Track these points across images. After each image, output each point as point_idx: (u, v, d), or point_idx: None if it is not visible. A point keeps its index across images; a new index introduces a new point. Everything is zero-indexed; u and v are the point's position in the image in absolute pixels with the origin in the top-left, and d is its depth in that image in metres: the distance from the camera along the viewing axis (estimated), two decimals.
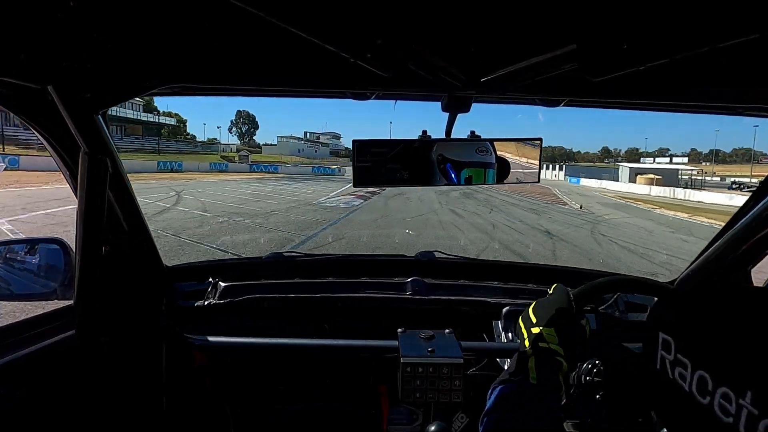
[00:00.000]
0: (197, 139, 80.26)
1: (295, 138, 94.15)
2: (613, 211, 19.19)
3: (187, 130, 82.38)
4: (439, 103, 0.92)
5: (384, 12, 0.62)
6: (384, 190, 22.44)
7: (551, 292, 0.83)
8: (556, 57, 0.69)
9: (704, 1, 0.55)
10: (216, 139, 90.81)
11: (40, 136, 0.90)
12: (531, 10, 0.62)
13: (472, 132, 0.95)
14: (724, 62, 0.70)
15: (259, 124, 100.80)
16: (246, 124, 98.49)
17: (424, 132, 0.93)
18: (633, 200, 26.93)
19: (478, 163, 0.95)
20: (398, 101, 1.01)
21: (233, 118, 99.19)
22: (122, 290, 1.12)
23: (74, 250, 0.98)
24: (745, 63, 0.72)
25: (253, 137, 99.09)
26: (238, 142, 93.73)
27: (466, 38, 0.72)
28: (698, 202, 29.27)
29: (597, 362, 0.96)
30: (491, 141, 0.95)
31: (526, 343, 0.74)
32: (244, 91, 0.99)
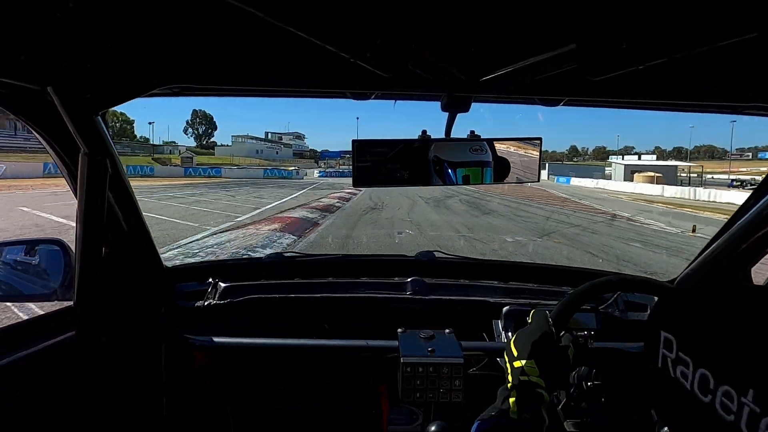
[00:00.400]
0: (150, 142, 72.80)
1: (253, 138, 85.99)
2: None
3: (135, 131, 76.30)
4: (439, 103, 0.92)
5: (384, 12, 0.62)
6: (347, 203, 16.22)
7: (530, 319, 0.82)
8: (556, 56, 0.69)
9: (703, 1, 0.55)
10: (175, 141, 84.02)
11: (39, 137, 0.90)
12: (530, 9, 0.62)
13: (472, 132, 0.95)
14: (723, 61, 0.70)
15: (217, 124, 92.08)
16: (203, 124, 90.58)
17: (424, 132, 0.93)
18: (673, 205, 21.69)
19: (474, 162, 0.95)
20: (398, 101, 1.01)
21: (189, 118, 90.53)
22: (122, 291, 1.12)
23: (74, 251, 0.98)
24: (744, 62, 0.72)
25: (211, 138, 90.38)
26: (195, 144, 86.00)
27: (466, 38, 0.72)
28: (728, 203, 23.55)
29: (586, 369, 0.97)
30: (490, 141, 0.95)
31: (509, 377, 0.74)
32: (244, 91, 0.99)
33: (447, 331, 1.15)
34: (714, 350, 0.48)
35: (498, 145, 0.96)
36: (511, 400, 0.71)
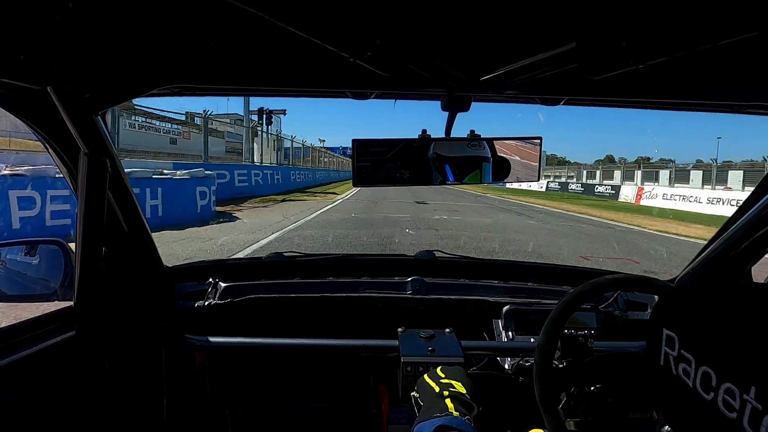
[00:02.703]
0: None
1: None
2: None
3: None
4: (439, 102, 0.92)
5: (383, 12, 0.62)
6: None
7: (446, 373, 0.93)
8: (556, 56, 0.69)
9: (703, 0, 0.55)
10: None
11: (39, 138, 0.90)
12: (530, 8, 0.62)
13: (472, 131, 0.95)
14: (723, 60, 0.70)
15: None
16: None
17: (424, 131, 0.93)
18: None
19: (473, 160, 0.95)
20: (398, 101, 1.01)
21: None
22: (122, 291, 1.12)
23: (74, 251, 0.98)
24: (744, 61, 0.72)
25: None
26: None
27: (465, 37, 0.72)
28: None
29: (586, 368, 0.97)
30: (490, 140, 0.95)
31: (436, 388, 0.86)
32: (244, 91, 0.99)
33: (447, 330, 1.15)
34: (716, 348, 0.48)
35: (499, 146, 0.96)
36: (447, 401, 0.81)
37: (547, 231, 9.93)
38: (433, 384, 0.88)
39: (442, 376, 0.90)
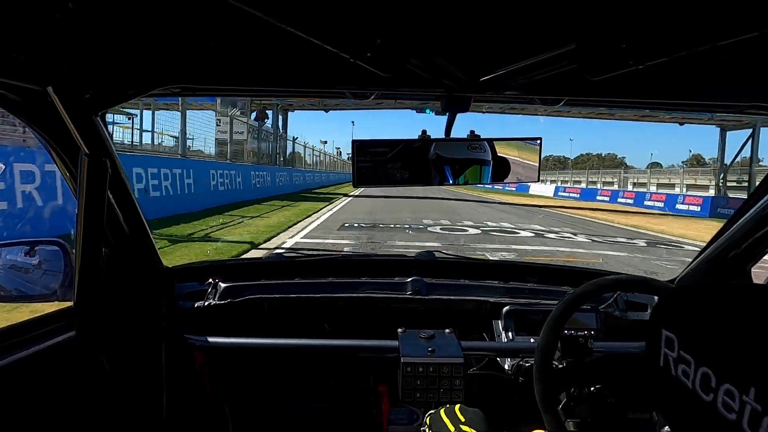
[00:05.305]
0: None
1: None
2: None
3: None
4: (439, 103, 0.92)
5: (383, 12, 0.62)
6: None
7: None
8: (555, 56, 0.69)
9: (703, 1, 0.55)
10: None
11: (39, 138, 0.90)
12: (530, 9, 0.62)
13: (472, 132, 0.95)
14: (723, 61, 0.70)
15: None
16: None
17: (424, 132, 0.94)
18: None
19: (473, 161, 0.95)
20: (397, 101, 1.01)
21: None
22: (122, 291, 1.12)
23: (74, 252, 0.98)
24: (744, 61, 0.72)
25: None
26: None
27: (465, 38, 0.72)
28: None
29: (587, 369, 0.97)
30: (490, 140, 0.96)
31: (452, 429, 0.87)
32: (244, 91, 0.99)
33: (447, 331, 1.16)
34: (716, 348, 0.48)
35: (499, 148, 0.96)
36: None
37: None
38: (449, 424, 0.86)
39: (462, 419, 0.87)
